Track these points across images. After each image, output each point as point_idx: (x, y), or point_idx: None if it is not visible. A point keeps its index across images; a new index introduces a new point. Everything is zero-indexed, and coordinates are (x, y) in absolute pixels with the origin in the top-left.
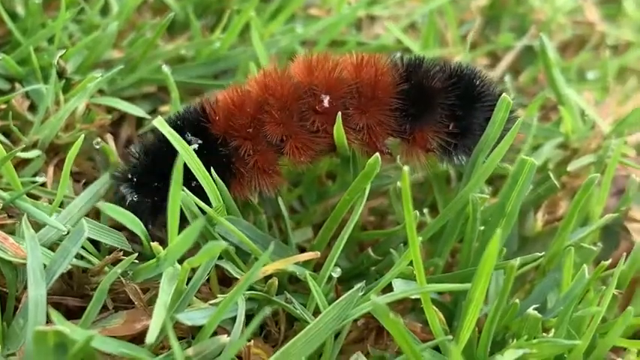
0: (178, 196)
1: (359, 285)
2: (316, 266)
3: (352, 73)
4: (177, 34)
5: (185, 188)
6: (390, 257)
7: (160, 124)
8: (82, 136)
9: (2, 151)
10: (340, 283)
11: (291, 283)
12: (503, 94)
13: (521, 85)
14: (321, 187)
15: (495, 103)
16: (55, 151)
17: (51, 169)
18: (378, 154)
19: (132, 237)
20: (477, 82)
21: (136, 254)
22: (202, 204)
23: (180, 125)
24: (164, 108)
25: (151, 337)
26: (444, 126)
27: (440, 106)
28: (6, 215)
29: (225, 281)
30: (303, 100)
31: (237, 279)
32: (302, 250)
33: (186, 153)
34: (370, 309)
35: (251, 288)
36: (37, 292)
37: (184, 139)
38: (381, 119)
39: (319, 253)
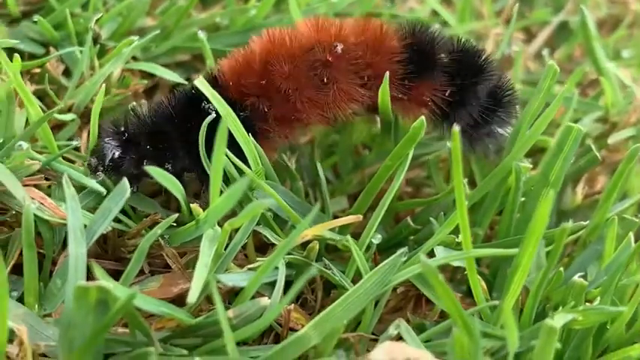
0: (222, 157)
1: (401, 250)
2: (352, 236)
3: (358, 31)
4: (209, 3)
5: (228, 151)
6: (429, 227)
7: (202, 84)
8: (103, 89)
9: (39, 112)
10: (378, 253)
11: (328, 252)
12: (550, 62)
13: (557, 61)
14: (356, 156)
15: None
16: (89, 117)
17: (85, 134)
18: (423, 117)
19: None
20: (479, 56)
21: (176, 215)
22: (243, 166)
23: (195, 95)
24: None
25: (192, 297)
26: (441, 89)
27: (439, 68)
28: (42, 177)
29: (261, 249)
30: (311, 52)
31: (274, 245)
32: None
33: (229, 116)
34: (413, 274)
35: (289, 254)
36: (77, 250)
37: (202, 108)
38: (386, 68)
39: (361, 216)
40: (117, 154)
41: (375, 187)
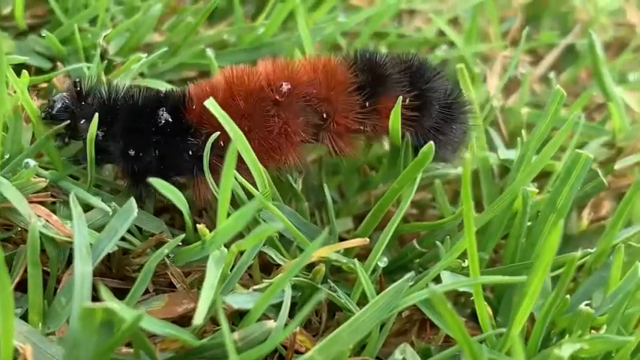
0: (230, 179)
1: (408, 275)
2: (357, 257)
3: (310, 68)
4: (216, 20)
5: (237, 173)
6: (434, 250)
7: (212, 105)
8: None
9: (43, 130)
10: (382, 275)
11: (332, 272)
12: (557, 87)
13: (562, 84)
14: (362, 177)
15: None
16: None
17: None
18: (432, 142)
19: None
20: (426, 65)
21: (183, 235)
22: (252, 188)
23: (160, 100)
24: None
25: (198, 319)
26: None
27: (393, 80)
28: (49, 194)
29: (264, 269)
30: (262, 91)
31: (278, 265)
32: (342, 240)
33: (240, 139)
34: (420, 299)
35: (295, 275)
36: (83, 269)
37: (159, 114)
38: (344, 100)
39: (368, 240)
40: (63, 104)
41: (381, 210)
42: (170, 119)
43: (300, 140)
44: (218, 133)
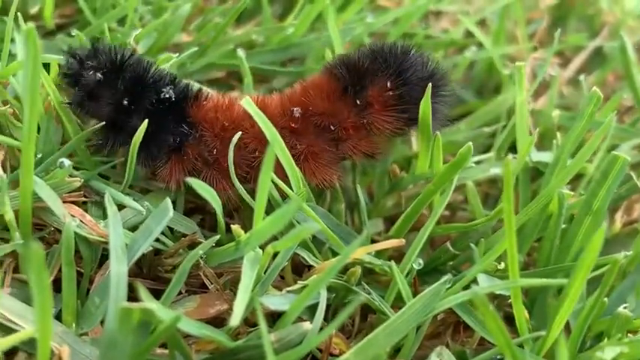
0: (268, 181)
1: (445, 278)
2: (389, 259)
3: (301, 91)
4: (244, 20)
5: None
6: (468, 252)
7: (248, 103)
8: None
9: (77, 129)
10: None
11: (364, 275)
12: (593, 89)
13: (590, 86)
14: (393, 178)
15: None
16: None
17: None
18: (470, 143)
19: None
20: (402, 50)
21: (217, 236)
22: (286, 188)
23: (171, 80)
24: (232, 94)
25: (235, 320)
26: (385, 87)
27: (371, 71)
28: (82, 194)
29: (295, 270)
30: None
31: (310, 267)
32: (373, 242)
33: (277, 141)
34: (457, 302)
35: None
36: (119, 269)
37: (163, 91)
38: (338, 107)
39: (404, 241)
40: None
41: (416, 211)
42: (173, 97)
43: (327, 158)
44: (238, 136)
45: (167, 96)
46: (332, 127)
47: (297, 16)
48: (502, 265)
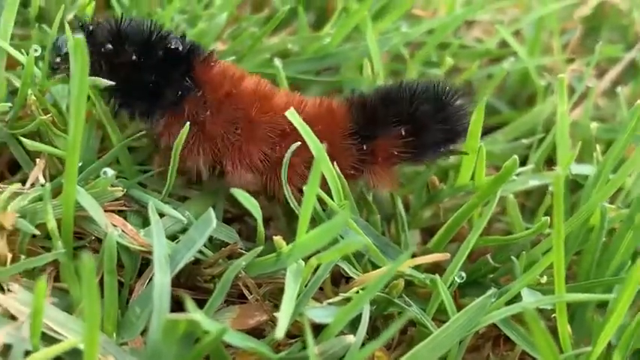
0: (314, 194)
1: (490, 292)
2: (426, 271)
3: (314, 107)
4: (277, 27)
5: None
6: (508, 265)
7: (292, 115)
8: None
9: (120, 137)
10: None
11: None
12: (638, 102)
13: (625, 98)
14: (431, 189)
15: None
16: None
17: (157, 158)
18: (515, 156)
19: None
20: (412, 88)
21: (260, 248)
22: (327, 198)
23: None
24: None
25: (280, 333)
26: (397, 134)
27: (386, 118)
28: (122, 203)
29: (333, 281)
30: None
31: (347, 278)
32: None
33: (323, 159)
34: (502, 317)
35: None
36: (162, 279)
37: (172, 43)
38: (341, 145)
39: (449, 255)
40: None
41: (457, 224)
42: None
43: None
44: (298, 143)
45: (174, 47)
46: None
47: (334, 26)
48: (544, 279)
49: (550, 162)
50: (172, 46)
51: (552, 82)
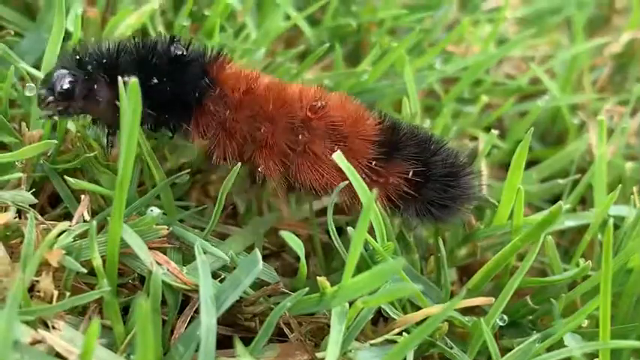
0: (362, 239)
1: (535, 337)
2: (464, 312)
3: (341, 104)
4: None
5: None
6: (546, 306)
7: (339, 158)
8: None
9: (163, 176)
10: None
11: None
12: None
13: None
14: (467, 228)
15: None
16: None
17: (193, 193)
18: (561, 202)
19: None
20: (441, 147)
21: (306, 289)
22: (372, 240)
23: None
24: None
25: None
26: (406, 170)
27: (404, 152)
28: (165, 240)
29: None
30: (295, 105)
31: (387, 318)
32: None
33: (367, 198)
34: None
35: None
36: (209, 320)
37: (172, 48)
38: (361, 145)
39: (493, 299)
40: (67, 82)
41: (498, 266)
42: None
43: (325, 165)
44: (346, 182)
45: (178, 53)
46: (345, 143)
47: (369, 62)
48: (585, 323)
49: (583, 200)
50: (176, 53)
51: (584, 120)
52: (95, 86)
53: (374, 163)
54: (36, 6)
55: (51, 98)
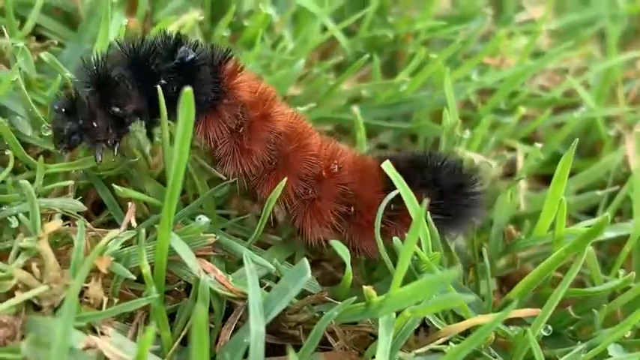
0: (411, 250)
1: (581, 346)
2: (507, 322)
3: (351, 159)
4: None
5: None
6: (587, 316)
7: (387, 167)
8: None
9: (205, 186)
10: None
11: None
12: None
13: None
14: (507, 239)
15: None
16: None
17: (234, 200)
18: (607, 214)
19: None
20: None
21: (354, 298)
22: (419, 250)
23: (194, 48)
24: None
25: None
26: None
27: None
28: (211, 248)
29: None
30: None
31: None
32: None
33: (417, 212)
34: None
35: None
36: (257, 328)
37: (184, 50)
38: (372, 198)
39: (539, 310)
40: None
41: (541, 276)
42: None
43: (326, 220)
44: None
45: (187, 57)
46: (352, 207)
47: (407, 73)
48: (628, 334)
49: (618, 212)
50: (184, 57)
51: (620, 132)
52: (95, 124)
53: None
54: (76, 16)
55: (60, 151)
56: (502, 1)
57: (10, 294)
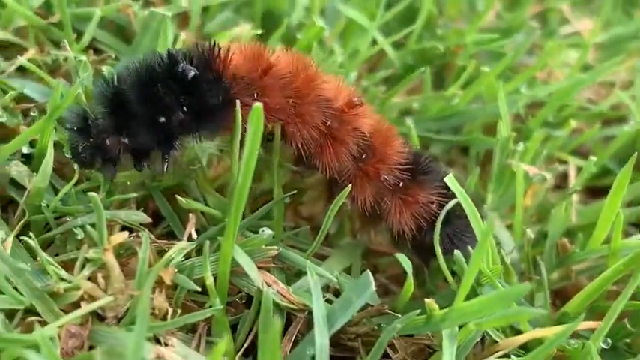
0: (478, 266)
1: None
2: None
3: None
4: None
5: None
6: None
7: (451, 181)
8: None
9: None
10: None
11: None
12: None
13: None
14: (561, 251)
15: None
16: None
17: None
18: None
19: None
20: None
21: (417, 311)
22: (484, 267)
23: (184, 56)
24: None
25: None
26: (430, 195)
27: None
28: (271, 260)
29: None
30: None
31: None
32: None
33: (484, 232)
34: None
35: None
36: (322, 340)
37: (182, 67)
38: (388, 159)
39: (601, 322)
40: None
41: (598, 290)
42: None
43: (337, 153)
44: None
45: (188, 74)
46: (364, 155)
47: (457, 85)
48: None
49: None
50: (186, 74)
51: None
52: (107, 142)
53: (401, 183)
54: (129, 30)
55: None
56: (547, 14)
57: (76, 304)
